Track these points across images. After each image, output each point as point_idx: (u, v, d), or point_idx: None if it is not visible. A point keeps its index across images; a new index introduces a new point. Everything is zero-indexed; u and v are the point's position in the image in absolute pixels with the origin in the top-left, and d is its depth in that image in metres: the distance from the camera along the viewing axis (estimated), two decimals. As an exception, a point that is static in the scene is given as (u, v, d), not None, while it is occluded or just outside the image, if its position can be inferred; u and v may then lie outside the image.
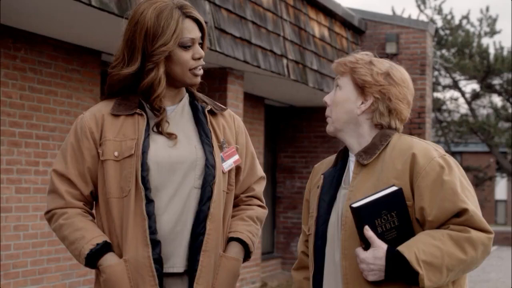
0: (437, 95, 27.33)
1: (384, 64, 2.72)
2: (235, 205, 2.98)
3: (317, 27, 11.14)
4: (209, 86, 10.05)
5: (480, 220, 2.51)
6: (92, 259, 2.73)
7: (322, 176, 2.79)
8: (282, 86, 10.86)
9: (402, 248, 2.48)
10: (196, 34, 2.82)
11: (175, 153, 2.79)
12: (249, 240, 2.90)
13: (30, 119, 7.42)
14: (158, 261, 2.72)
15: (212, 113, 2.93)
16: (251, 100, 11.77)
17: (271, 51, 9.39)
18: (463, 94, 28.01)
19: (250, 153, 3.03)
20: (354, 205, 2.51)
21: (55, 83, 7.73)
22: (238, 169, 2.96)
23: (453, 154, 31.71)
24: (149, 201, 2.72)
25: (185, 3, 2.84)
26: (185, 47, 2.79)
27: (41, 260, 7.59)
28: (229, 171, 2.90)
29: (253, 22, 8.96)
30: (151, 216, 2.71)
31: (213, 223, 2.78)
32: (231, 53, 8.34)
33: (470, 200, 2.54)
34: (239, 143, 2.98)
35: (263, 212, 3.03)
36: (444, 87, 27.95)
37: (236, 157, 2.92)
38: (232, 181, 2.93)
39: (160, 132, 2.81)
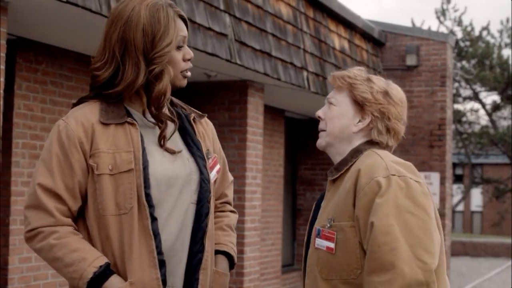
0: (458, 106, 27.24)
1: (381, 82, 2.63)
2: None
3: (337, 39, 11.12)
4: (229, 99, 10.06)
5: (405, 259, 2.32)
6: (96, 282, 2.47)
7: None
8: (302, 99, 10.84)
9: None
10: (186, 33, 2.63)
11: (170, 167, 2.59)
12: (233, 252, 2.79)
13: (51, 132, 7.44)
14: (164, 282, 2.53)
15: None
16: (271, 113, 11.76)
17: (292, 63, 9.38)
18: (483, 105, 27.92)
19: (222, 158, 2.85)
20: None
21: (76, 96, 7.74)
22: None
23: (473, 166, 31.57)
24: (154, 219, 2.52)
25: (171, 2, 2.63)
26: (178, 47, 2.60)
27: (62, 273, 7.58)
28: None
29: (273, 35, 8.96)
30: (157, 236, 2.51)
31: (210, 240, 2.66)
32: (251, 65, 8.34)
33: (403, 233, 2.34)
34: (215, 150, 2.81)
35: (236, 218, 2.90)
36: (465, 98, 27.87)
37: (218, 166, 2.77)
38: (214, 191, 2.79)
39: (161, 146, 2.61)
